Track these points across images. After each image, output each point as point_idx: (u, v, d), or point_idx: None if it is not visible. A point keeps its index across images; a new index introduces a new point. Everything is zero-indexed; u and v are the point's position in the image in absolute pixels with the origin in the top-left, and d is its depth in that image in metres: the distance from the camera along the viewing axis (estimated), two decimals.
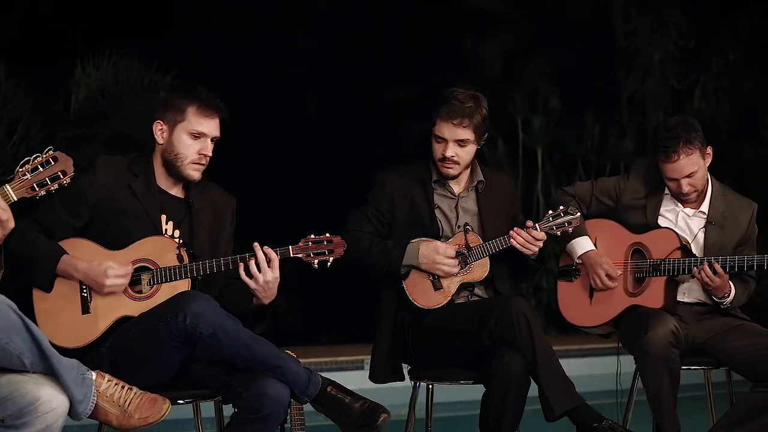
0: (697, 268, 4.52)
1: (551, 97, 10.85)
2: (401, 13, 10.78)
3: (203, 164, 4.06)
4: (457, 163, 4.51)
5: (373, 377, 4.61)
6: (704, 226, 4.70)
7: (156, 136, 4.05)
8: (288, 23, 10.85)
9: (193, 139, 4.02)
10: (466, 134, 4.48)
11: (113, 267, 3.86)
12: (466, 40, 10.97)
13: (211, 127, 4.04)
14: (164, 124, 4.04)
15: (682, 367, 4.48)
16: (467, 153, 4.52)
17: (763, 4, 11.53)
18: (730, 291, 4.59)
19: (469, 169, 4.62)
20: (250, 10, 10.48)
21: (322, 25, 10.90)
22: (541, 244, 4.43)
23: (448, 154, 4.49)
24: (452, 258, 4.44)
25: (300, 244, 4.00)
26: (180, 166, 4.03)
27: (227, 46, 10.51)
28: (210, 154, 4.05)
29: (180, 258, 3.93)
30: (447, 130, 4.47)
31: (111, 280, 3.85)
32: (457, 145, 4.49)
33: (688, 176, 4.59)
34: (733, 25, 11.38)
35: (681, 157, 4.55)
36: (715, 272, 4.50)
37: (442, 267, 4.44)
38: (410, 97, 10.49)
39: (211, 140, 4.06)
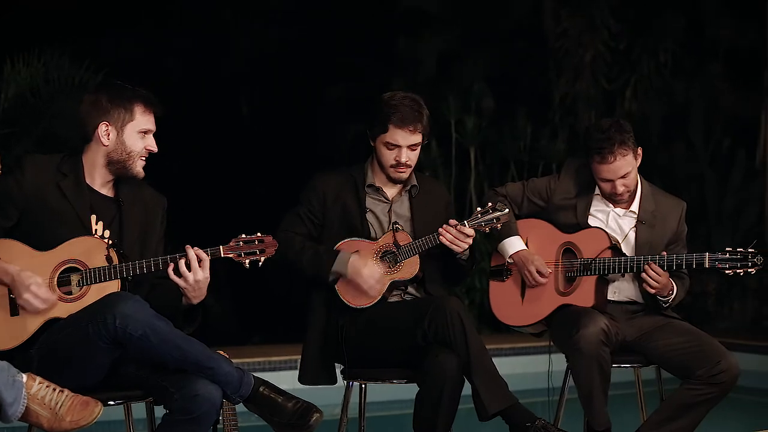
0: (639, 268, 4.56)
1: (484, 98, 10.90)
2: (336, 12, 10.77)
3: (145, 160, 4.05)
4: (409, 167, 4.57)
5: (303, 379, 4.60)
6: (635, 226, 4.75)
7: (101, 138, 4.00)
8: (222, 22, 10.79)
9: (141, 136, 4.01)
10: (418, 138, 4.55)
11: (39, 285, 3.79)
12: (401, 41, 10.99)
13: (153, 122, 4.06)
14: (110, 125, 4.00)
15: (613, 365, 4.52)
16: (416, 155, 4.60)
17: (692, 6, 11.70)
18: (673, 290, 4.64)
19: None
20: (183, 8, 10.41)
21: (256, 24, 10.86)
22: (470, 240, 4.45)
23: (404, 159, 4.53)
24: (380, 280, 4.44)
25: (231, 244, 3.98)
26: (131, 164, 4.01)
27: (160, 45, 10.43)
28: (155, 149, 4.06)
29: (109, 259, 3.89)
30: (401, 137, 4.50)
31: (29, 295, 3.76)
32: (410, 149, 4.53)
33: (623, 177, 4.64)
34: (663, 26, 11.52)
35: (617, 158, 4.60)
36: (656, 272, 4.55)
37: (363, 285, 4.44)
38: (345, 98, 10.49)
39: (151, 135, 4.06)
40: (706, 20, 11.83)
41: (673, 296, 4.66)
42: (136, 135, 4.01)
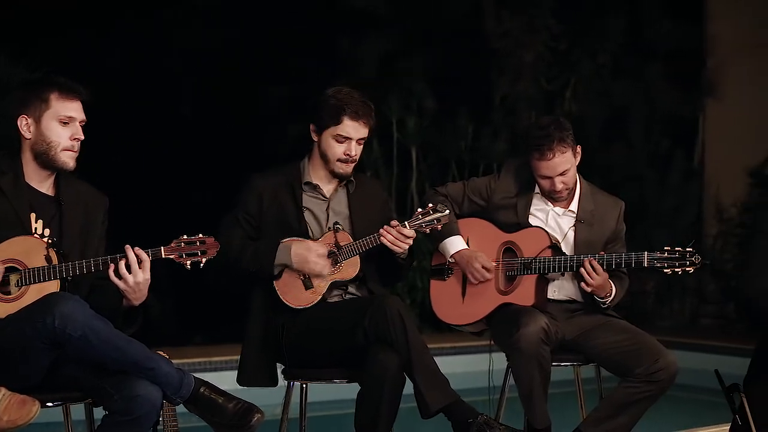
0: (579, 267, 4.59)
1: (425, 98, 10.92)
2: (278, 11, 10.73)
3: (76, 151, 3.99)
4: (355, 161, 4.58)
5: (242, 380, 4.58)
6: (574, 225, 4.79)
7: (22, 132, 3.97)
8: (164, 21, 10.71)
9: (62, 125, 3.96)
10: (366, 132, 4.58)
11: None
12: (343, 40, 10.97)
13: (76, 110, 3.99)
14: (29, 117, 3.96)
15: (553, 364, 4.55)
16: (360, 151, 4.61)
17: (632, 8, 11.81)
18: (612, 290, 4.68)
19: None
20: (125, 7, 10.32)
21: (197, 23, 10.79)
22: (410, 241, 4.46)
23: (353, 152, 4.54)
24: (324, 257, 4.45)
25: (172, 245, 3.95)
26: (54, 155, 3.95)
27: (101, 44, 10.32)
28: (82, 137, 4.00)
29: (48, 259, 3.85)
30: (354, 129, 4.52)
31: None
32: (358, 143, 4.55)
33: (562, 174, 4.68)
34: (603, 28, 11.61)
35: (556, 155, 4.64)
36: (594, 269, 4.58)
37: (314, 266, 4.44)
38: (286, 97, 10.46)
39: (80, 124, 4.00)
40: (646, 22, 11.94)
41: (611, 297, 4.70)
42: (54, 123, 3.95)
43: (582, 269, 4.58)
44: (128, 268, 3.86)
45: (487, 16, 11.51)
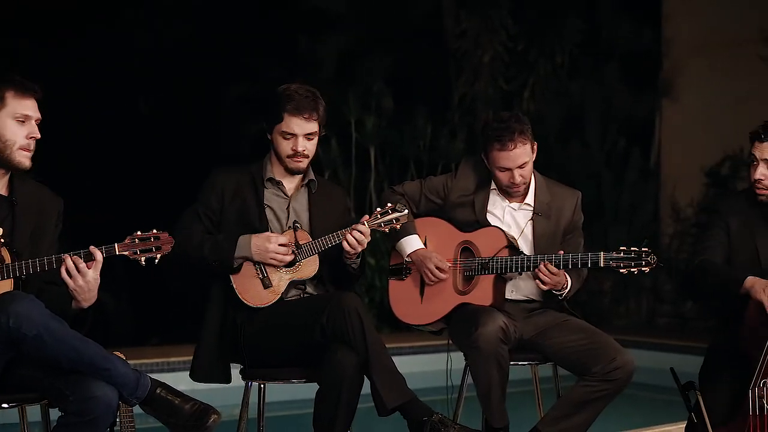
0: (537, 271, 4.60)
1: (384, 97, 10.93)
2: (237, 10, 10.70)
3: (32, 150, 3.95)
4: (306, 156, 4.56)
5: (195, 375, 4.55)
6: (531, 218, 4.80)
7: None
8: (123, 19, 10.65)
9: (18, 123, 3.92)
10: (314, 127, 4.53)
11: None
12: (302, 40, 10.96)
13: (32, 108, 3.95)
14: None
15: (511, 363, 4.55)
16: (314, 145, 4.59)
17: (589, 8, 11.87)
18: (567, 283, 4.70)
19: None
20: (83, 5, 10.25)
21: (157, 21, 10.73)
22: (366, 241, 4.45)
23: (300, 148, 4.52)
24: (284, 246, 4.44)
25: (126, 241, 3.91)
26: (9, 154, 3.91)
27: (59, 43, 10.25)
28: (38, 135, 3.96)
29: (1, 258, 3.81)
30: (296, 125, 4.50)
31: None
32: (306, 138, 4.52)
33: (521, 167, 4.69)
34: (560, 28, 11.67)
35: (517, 145, 4.65)
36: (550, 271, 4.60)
37: (275, 255, 4.43)
38: (246, 97, 10.43)
39: (36, 123, 3.96)
40: (603, 23, 12.01)
41: (567, 289, 4.72)
42: (10, 122, 3.91)
43: (537, 271, 4.59)
44: (78, 266, 3.82)
45: (446, 16, 11.55)
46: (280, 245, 4.44)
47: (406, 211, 4.52)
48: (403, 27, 11.25)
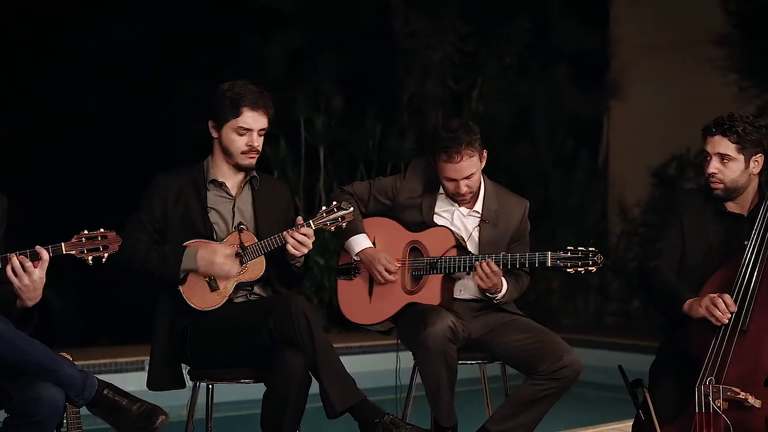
0: (477, 264, 4.61)
1: (333, 97, 10.92)
2: (184, 8, 10.64)
3: None
4: (258, 152, 4.55)
5: (151, 385, 4.52)
6: (478, 225, 4.82)
7: None
8: (69, 16, 10.56)
9: None
10: (266, 123, 4.54)
11: None
12: (250, 39, 10.92)
13: None
14: None
15: (459, 362, 4.56)
16: (262, 141, 4.57)
17: (538, 10, 11.93)
18: (502, 286, 4.71)
19: None
20: (30, 2, 10.16)
21: (104, 18, 10.65)
22: (310, 243, 4.44)
23: (255, 143, 4.51)
24: (231, 257, 4.41)
25: (73, 240, 3.88)
26: None
27: (5, 41, 10.14)
28: None
29: None
30: (254, 119, 4.49)
31: None
32: (259, 134, 4.51)
33: (467, 178, 4.69)
34: (509, 29, 11.72)
35: (463, 158, 4.65)
36: (491, 270, 4.61)
37: (222, 268, 4.41)
38: (192, 96, 10.37)
39: None
40: (552, 24, 12.08)
41: (502, 293, 4.73)
42: None
43: (477, 266, 4.60)
44: (23, 265, 3.78)
45: (395, 16, 11.56)
46: (226, 257, 4.41)
47: (352, 208, 4.52)
48: (352, 27, 11.25)
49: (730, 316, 4.15)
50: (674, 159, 11.52)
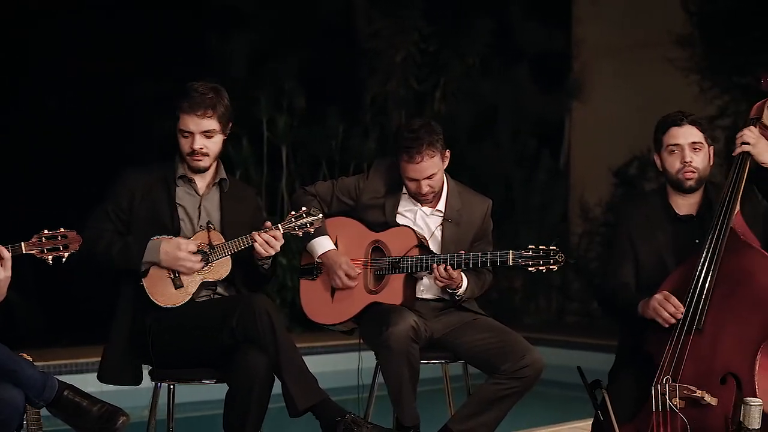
0: (436, 265, 4.63)
1: (296, 97, 10.91)
2: (146, 6, 10.59)
3: None
4: (206, 155, 4.51)
5: (103, 378, 4.49)
6: (441, 224, 4.83)
7: None
8: (30, 13, 10.48)
9: None
10: (212, 125, 4.48)
11: None
12: (212, 38, 10.89)
13: None
14: None
15: (422, 362, 4.57)
16: (215, 144, 4.53)
17: (501, 10, 11.98)
18: (462, 283, 4.73)
19: (214, 166, 4.61)
20: None
21: (65, 15, 10.58)
22: (278, 246, 4.44)
23: (197, 146, 4.47)
24: (194, 254, 4.41)
25: (33, 240, 3.87)
26: None
27: None
28: None
29: None
30: (192, 122, 4.46)
31: None
32: (204, 136, 4.48)
33: (428, 178, 4.71)
34: (472, 30, 11.76)
35: (424, 158, 4.66)
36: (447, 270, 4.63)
37: (185, 263, 4.40)
38: (155, 95, 10.33)
39: None
40: (514, 25, 12.13)
41: (461, 290, 4.75)
42: None
43: (434, 268, 4.62)
44: None
45: (358, 16, 11.56)
46: (190, 252, 4.41)
47: (320, 215, 4.53)
48: (314, 26, 11.24)
49: (679, 317, 4.19)
50: (635, 159, 11.59)
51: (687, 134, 4.46)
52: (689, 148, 4.44)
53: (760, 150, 4.34)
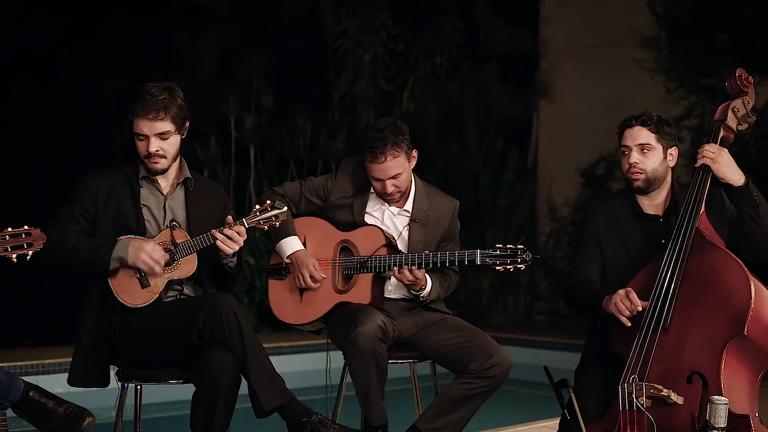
0: (398, 268, 4.63)
1: (264, 96, 10.89)
2: (115, 6, 10.53)
3: None
4: (163, 156, 4.48)
5: (72, 380, 4.46)
6: (408, 224, 4.84)
7: None
8: None
9: None
10: (166, 126, 4.45)
11: None
12: (181, 37, 10.85)
13: None
14: None
15: (390, 361, 4.57)
16: (171, 145, 4.50)
17: (468, 11, 12.01)
18: (426, 284, 4.74)
19: (177, 165, 4.59)
20: None
21: (32, 13, 10.51)
22: (241, 241, 4.42)
23: (153, 149, 4.45)
24: (158, 254, 4.38)
25: None
26: None
27: None
28: None
29: None
30: (145, 126, 4.43)
31: None
32: (159, 138, 4.45)
33: (393, 177, 4.71)
34: (439, 29, 11.78)
35: (388, 158, 4.67)
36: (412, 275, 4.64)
37: (147, 260, 4.35)
38: (121, 93, 10.27)
39: None
40: (482, 24, 12.16)
41: (426, 291, 4.76)
42: None
43: (398, 272, 4.63)
44: None
45: (325, 15, 11.56)
46: (154, 251, 4.38)
47: (285, 208, 4.51)
48: (282, 26, 11.22)
49: (635, 313, 4.22)
50: (602, 159, 11.65)
51: (635, 136, 4.51)
52: (636, 150, 4.50)
53: (719, 167, 4.39)
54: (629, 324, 4.23)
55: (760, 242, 4.37)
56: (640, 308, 4.22)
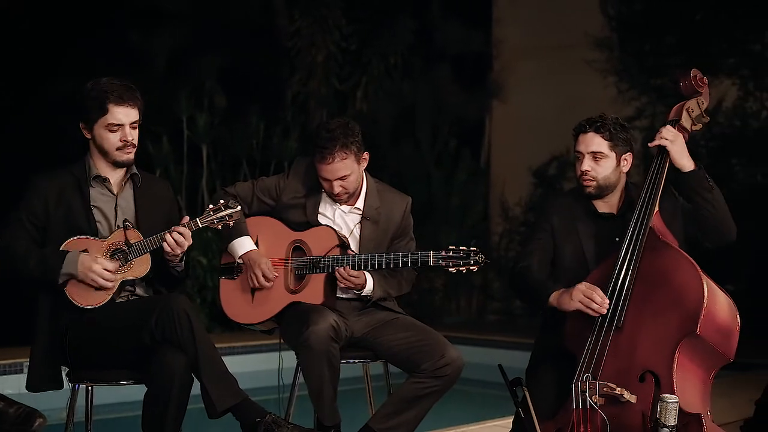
0: (338, 268, 4.63)
1: (216, 95, 10.84)
2: (65, 3, 10.43)
3: None
4: (134, 146, 4.48)
5: (30, 386, 4.40)
6: (360, 222, 4.83)
7: None
8: None
9: None
10: (137, 115, 4.48)
11: None
12: (132, 35, 10.77)
13: None
14: None
15: (342, 361, 4.57)
16: (137, 134, 4.51)
17: (422, 11, 12.03)
18: (366, 284, 4.74)
19: None
20: None
21: None
22: (186, 243, 4.39)
23: (129, 138, 4.44)
24: (110, 273, 4.33)
25: None
26: None
27: None
28: None
29: None
30: (123, 114, 4.42)
31: None
32: (132, 128, 4.45)
33: (341, 179, 4.71)
34: (393, 29, 11.79)
35: (335, 159, 4.66)
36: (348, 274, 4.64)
37: (96, 278, 4.30)
38: (72, 92, 10.16)
39: None
40: (435, 24, 12.18)
41: (366, 290, 4.74)
42: None
43: (337, 273, 4.63)
44: None
45: (279, 14, 11.53)
46: (105, 270, 4.33)
47: (239, 207, 4.50)
48: (235, 24, 11.18)
49: (606, 308, 4.23)
50: (554, 159, 11.72)
51: (588, 143, 4.51)
52: (589, 157, 4.50)
53: (676, 149, 4.40)
54: (598, 315, 4.24)
55: (718, 227, 4.41)
56: (607, 303, 4.23)
